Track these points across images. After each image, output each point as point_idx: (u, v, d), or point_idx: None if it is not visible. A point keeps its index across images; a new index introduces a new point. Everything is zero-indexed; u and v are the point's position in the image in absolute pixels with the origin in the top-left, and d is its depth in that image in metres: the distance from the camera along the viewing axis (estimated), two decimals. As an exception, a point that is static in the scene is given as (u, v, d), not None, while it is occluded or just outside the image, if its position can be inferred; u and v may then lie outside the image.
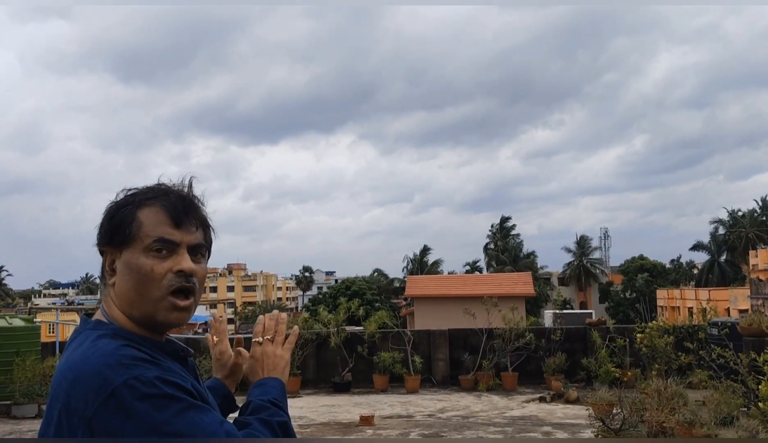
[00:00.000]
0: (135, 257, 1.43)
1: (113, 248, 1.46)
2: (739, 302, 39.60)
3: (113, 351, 1.32)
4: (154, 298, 1.43)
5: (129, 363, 1.29)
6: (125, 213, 1.45)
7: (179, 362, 1.47)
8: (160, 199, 1.47)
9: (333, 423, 11.74)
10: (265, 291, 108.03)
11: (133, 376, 1.27)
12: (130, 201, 1.47)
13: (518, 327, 15.73)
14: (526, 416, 12.12)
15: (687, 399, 9.48)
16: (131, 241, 1.44)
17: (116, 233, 1.45)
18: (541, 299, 59.60)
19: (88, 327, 1.44)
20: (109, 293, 1.48)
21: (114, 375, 1.26)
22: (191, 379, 1.42)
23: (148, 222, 1.44)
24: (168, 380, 1.30)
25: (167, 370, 1.34)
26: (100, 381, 1.26)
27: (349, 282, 57.52)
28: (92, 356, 1.31)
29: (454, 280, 38.47)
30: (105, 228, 1.47)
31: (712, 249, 69.21)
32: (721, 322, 13.04)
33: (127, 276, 1.44)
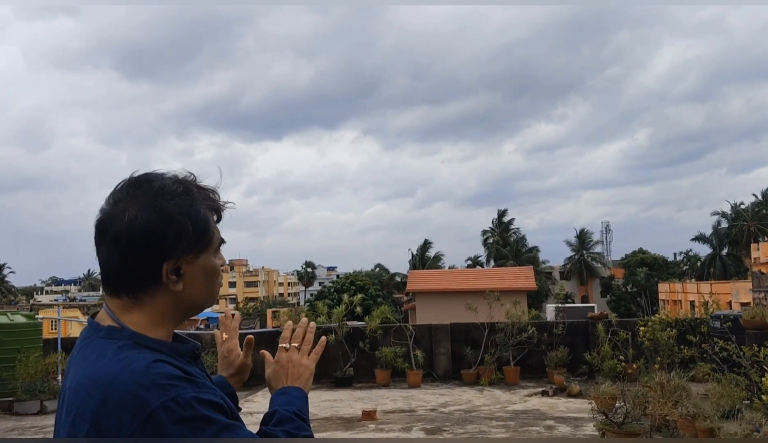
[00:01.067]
0: (211, 260, 1.45)
1: (191, 254, 1.39)
2: (741, 295, 39.56)
3: (145, 369, 1.25)
4: (216, 292, 1.49)
5: (164, 384, 1.23)
6: (204, 217, 1.41)
7: (194, 361, 1.44)
8: (209, 199, 1.46)
9: (335, 418, 11.74)
10: (266, 286, 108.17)
11: (170, 398, 1.21)
12: (196, 201, 1.41)
13: (520, 321, 15.71)
14: (528, 410, 12.11)
15: (690, 393, 9.46)
16: (209, 245, 1.44)
17: (202, 239, 1.41)
18: (543, 293, 59.64)
19: (100, 334, 1.36)
20: (150, 300, 1.38)
21: (151, 398, 1.21)
22: (215, 387, 1.39)
23: (212, 223, 1.45)
24: (204, 400, 1.26)
25: (201, 386, 1.29)
26: (135, 402, 1.20)
27: (354, 278, 57.53)
28: (121, 373, 1.24)
29: (456, 275, 38.48)
30: (189, 235, 1.37)
31: (714, 242, 69.21)
32: (724, 315, 13.02)
33: (204, 279, 1.44)
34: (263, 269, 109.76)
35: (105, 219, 1.37)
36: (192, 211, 1.38)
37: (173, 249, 1.36)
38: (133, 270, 1.35)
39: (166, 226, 1.35)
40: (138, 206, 1.35)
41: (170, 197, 1.37)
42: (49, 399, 12.94)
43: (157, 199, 1.36)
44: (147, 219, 1.34)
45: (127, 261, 1.35)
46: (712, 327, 13.35)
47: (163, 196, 1.37)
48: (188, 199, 1.39)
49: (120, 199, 1.38)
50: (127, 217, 1.34)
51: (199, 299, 1.44)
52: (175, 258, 1.36)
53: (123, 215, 1.34)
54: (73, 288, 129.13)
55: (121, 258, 1.35)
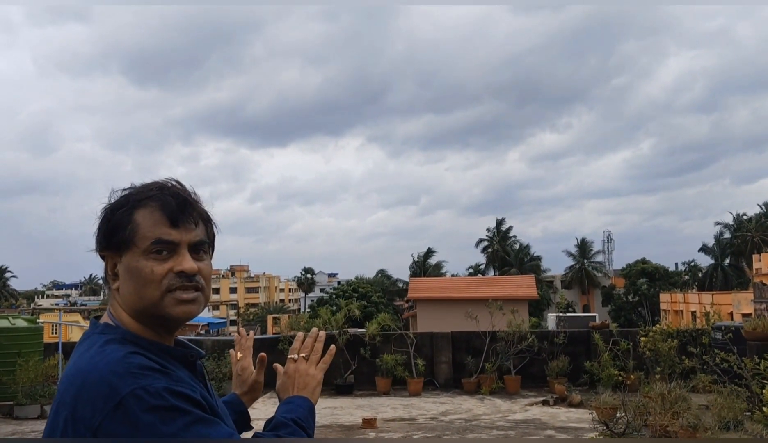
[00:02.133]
0: (135, 260, 1.41)
1: (113, 252, 1.44)
2: (742, 306, 39.47)
3: (121, 358, 1.29)
4: (153, 300, 1.40)
5: (137, 373, 1.25)
6: (120, 215, 1.42)
7: (188, 367, 1.44)
8: (155, 198, 1.43)
9: (335, 426, 11.73)
10: (267, 292, 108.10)
11: (140, 386, 1.23)
12: (124, 202, 1.44)
13: (521, 330, 15.69)
14: (529, 419, 12.09)
15: (691, 404, 9.44)
16: (130, 245, 1.41)
17: (113, 237, 1.42)
18: (544, 302, 59.55)
19: (96, 331, 1.41)
20: (114, 297, 1.46)
21: (122, 385, 1.23)
22: (200, 388, 1.39)
23: (145, 223, 1.41)
24: (176, 391, 1.27)
25: (176, 380, 1.30)
26: (107, 389, 1.23)
27: (356, 285, 57.48)
28: (100, 362, 1.28)
29: (457, 283, 38.46)
30: (102, 233, 1.45)
31: (716, 252, 69.12)
32: (725, 326, 13.00)
33: (128, 280, 1.41)
34: (264, 275, 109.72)
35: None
36: (111, 210, 1.46)
37: (98, 246, 1.48)
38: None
39: (99, 223, 1.48)
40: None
41: (111, 199, 1.48)
42: (50, 404, 12.87)
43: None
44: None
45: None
46: (713, 338, 13.33)
47: (110, 197, 1.49)
48: (116, 200, 1.47)
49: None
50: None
51: (134, 301, 1.42)
52: (107, 255, 1.46)
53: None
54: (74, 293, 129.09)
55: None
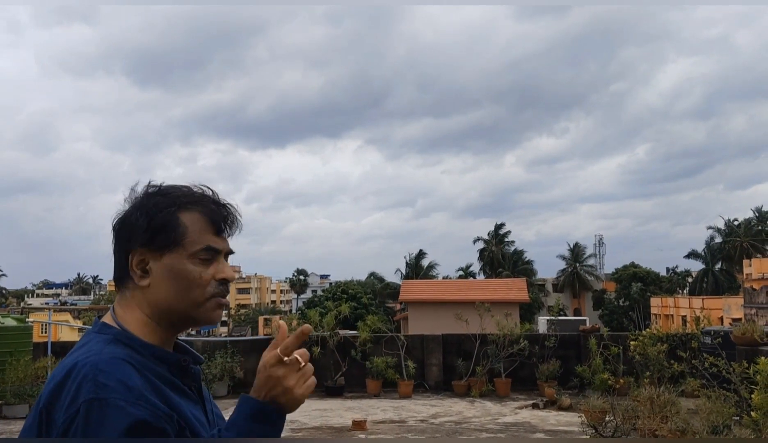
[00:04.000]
0: (181, 263, 1.42)
1: (151, 250, 1.42)
2: (732, 311, 39.68)
3: (96, 363, 1.27)
4: (198, 302, 1.44)
5: (102, 384, 1.23)
6: (168, 216, 1.43)
7: (179, 372, 1.42)
8: (202, 205, 1.47)
9: (325, 428, 11.71)
10: (259, 294, 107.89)
11: (97, 398, 1.22)
12: (170, 203, 1.44)
13: (512, 333, 15.72)
14: (518, 422, 12.11)
15: (679, 408, 9.48)
16: (176, 246, 1.42)
17: (158, 235, 1.42)
18: (536, 305, 59.70)
19: (95, 329, 1.42)
20: (130, 294, 1.45)
21: (86, 392, 1.23)
22: (177, 397, 1.35)
23: (193, 228, 1.44)
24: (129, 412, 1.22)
25: (138, 399, 1.24)
26: (75, 394, 1.24)
27: (345, 286, 57.44)
28: (80, 362, 1.29)
29: (449, 285, 38.49)
30: (143, 229, 1.42)
31: (707, 257, 69.43)
32: (714, 331, 13.06)
33: (169, 281, 1.42)
34: (256, 276, 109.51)
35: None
36: (154, 208, 1.44)
37: (129, 241, 1.44)
38: (116, 262, 1.48)
39: (128, 218, 1.46)
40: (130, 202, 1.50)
41: (147, 197, 1.47)
42: (38, 404, 12.86)
43: (136, 197, 1.49)
44: (123, 213, 1.48)
45: (114, 252, 1.48)
46: (702, 342, 13.39)
47: (143, 195, 1.48)
48: (159, 198, 1.46)
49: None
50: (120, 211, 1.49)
51: (171, 301, 1.42)
52: (135, 250, 1.43)
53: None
54: (65, 292, 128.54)
55: (113, 248, 1.49)
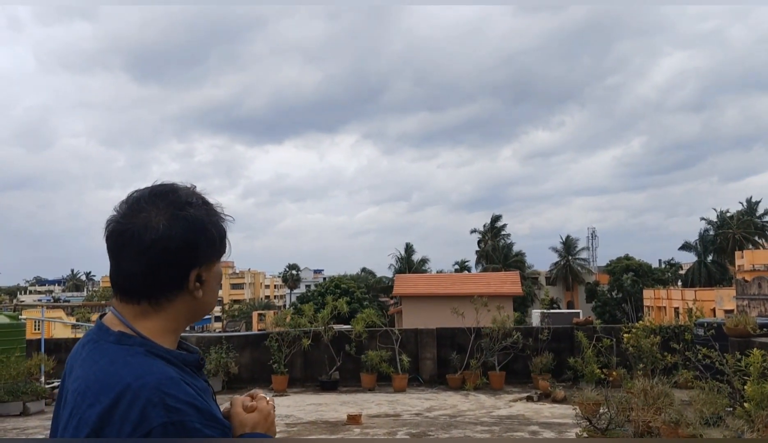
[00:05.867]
0: (219, 267, 1.50)
1: (212, 262, 1.46)
2: (725, 302, 39.87)
3: (156, 385, 1.25)
4: (217, 298, 1.56)
5: (172, 407, 1.24)
6: (223, 225, 1.49)
7: (198, 369, 1.45)
8: (219, 208, 1.52)
9: (320, 422, 11.72)
10: (252, 289, 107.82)
11: (172, 422, 1.23)
12: (219, 213, 1.49)
13: (506, 326, 15.76)
14: (513, 415, 12.14)
15: (673, 399, 9.52)
16: (225, 251, 1.51)
17: (223, 245, 1.49)
18: (529, 299, 59.86)
19: (110, 339, 1.36)
20: (168, 305, 1.39)
21: (156, 416, 1.22)
22: (211, 402, 1.41)
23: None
24: (205, 434, 1.27)
25: (207, 418, 1.29)
26: (139, 417, 1.22)
27: (338, 281, 57.42)
28: (133, 383, 1.25)
29: (443, 279, 38.54)
30: (216, 246, 1.45)
31: (699, 249, 69.69)
32: (707, 323, 13.12)
33: (215, 285, 1.48)
34: (249, 271, 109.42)
35: (129, 228, 1.36)
36: (217, 219, 1.46)
37: (202, 257, 1.41)
38: (161, 279, 1.37)
39: (199, 235, 1.39)
40: (167, 216, 1.37)
41: (197, 207, 1.42)
42: (32, 401, 12.82)
43: (186, 209, 1.40)
44: (181, 228, 1.37)
45: (157, 270, 1.36)
46: (695, 334, 13.45)
47: (191, 206, 1.41)
48: (210, 208, 1.46)
49: (143, 209, 1.38)
50: (158, 227, 1.35)
51: (211, 304, 1.48)
52: (201, 265, 1.42)
53: (152, 225, 1.35)
54: (57, 289, 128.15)
55: (150, 266, 1.35)
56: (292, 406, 13.29)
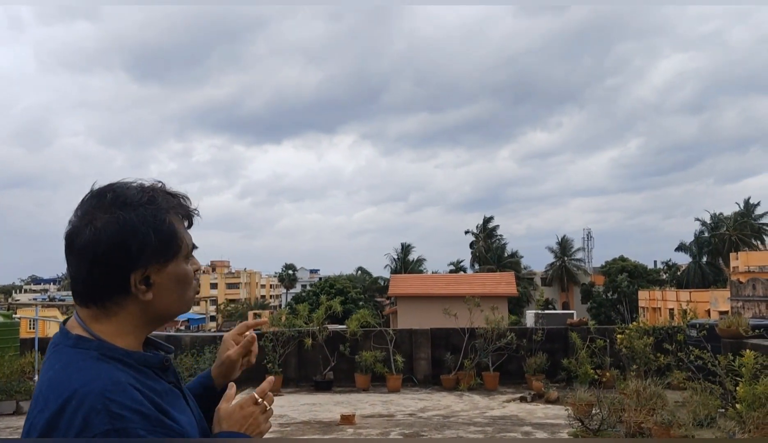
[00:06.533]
0: (180, 267, 1.44)
1: (160, 264, 1.39)
2: (719, 304, 39.95)
3: (101, 391, 1.24)
4: (190, 299, 1.49)
5: (116, 414, 1.22)
6: (169, 226, 1.41)
7: (162, 369, 1.44)
8: (180, 206, 1.47)
9: (314, 422, 11.72)
10: (248, 288, 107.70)
11: (115, 429, 1.21)
12: (163, 211, 1.41)
13: (499, 327, 15.78)
14: (506, 416, 12.16)
15: (666, 400, 9.56)
16: (178, 253, 1.43)
17: (168, 248, 1.40)
18: (524, 299, 59.90)
19: (69, 343, 1.36)
20: (118, 309, 1.38)
21: (99, 423, 1.21)
22: (175, 410, 1.37)
23: (181, 230, 1.45)
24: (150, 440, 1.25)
25: (154, 424, 1.26)
26: (82, 424, 1.21)
27: (333, 281, 57.40)
28: (80, 389, 1.24)
29: (438, 279, 38.52)
30: (154, 247, 1.37)
31: (694, 251, 69.80)
32: (700, 324, 13.15)
33: (173, 288, 1.43)
34: (245, 270, 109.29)
35: (72, 231, 1.37)
36: (155, 220, 1.38)
37: (138, 260, 1.36)
38: (100, 282, 1.36)
39: (130, 238, 1.35)
40: (101, 218, 1.35)
41: (133, 207, 1.37)
42: (25, 400, 12.80)
43: (120, 210, 1.36)
44: (111, 231, 1.34)
45: (95, 274, 1.35)
46: (688, 335, 13.48)
47: (126, 207, 1.37)
48: (152, 208, 1.39)
49: (85, 212, 1.38)
50: (90, 230, 1.34)
51: (172, 307, 1.45)
52: (142, 268, 1.37)
53: (87, 228, 1.35)
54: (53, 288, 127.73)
55: (88, 270, 1.35)
56: (286, 406, 13.28)
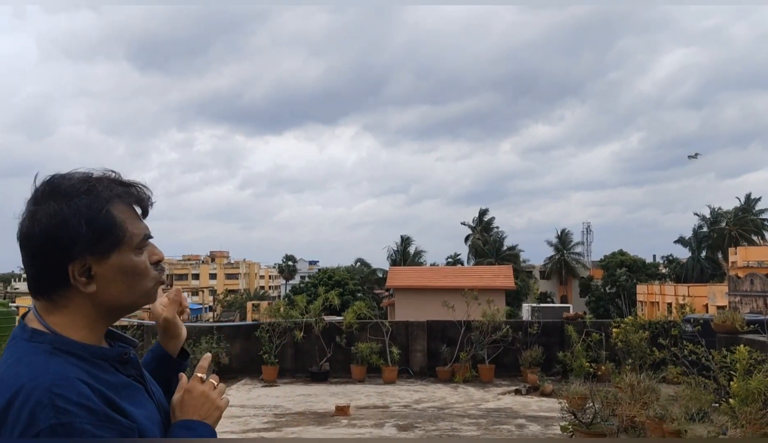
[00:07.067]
0: (128, 259, 1.40)
1: (98, 256, 1.35)
2: (717, 298, 40.04)
3: (49, 387, 1.23)
4: (146, 291, 1.45)
5: (62, 409, 1.21)
6: (106, 216, 1.36)
7: (121, 363, 1.42)
8: (124, 194, 1.42)
9: (309, 413, 11.75)
10: (247, 279, 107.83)
11: (60, 423, 1.20)
12: (102, 200, 1.37)
13: (495, 320, 15.80)
14: (500, 408, 12.19)
15: (659, 394, 9.57)
16: (120, 244, 1.38)
17: (104, 239, 1.35)
18: (523, 292, 59.93)
19: (24, 337, 1.35)
20: (66, 302, 1.36)
21: (44, 418, 1.20)
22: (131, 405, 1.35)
23: (127, 220, 1.40)
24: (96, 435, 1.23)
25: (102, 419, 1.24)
26: (29, 419, 1.20)
27: (331, 272, 57.45)
28: (27, 384, 1.24)
29: (436, 272, 38.57)
30: (87, 238, 1.33)
31: (693, 245, 69.90)
32: (694, 319, 13.16)
33: (120, 279, 1.39)
34: (244, 261, 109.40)
35: (20, 224, 1.38)
36: (90, 210, 1.35)
37: (72, 252, 1.33)
38: (43, 275, 1.35)
39: (61, 229, 1.32)
40: (36, 211, 1.35)
41: (68, 198, 1.35)
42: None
43: (54, 202, 1.34)
44: (43, 224, 1.33)
45: (36, 267, 1.35)
46: (683, 330, 13.49)
47: (60, 198, 1.35)
48: (88, 198, 1.36)
49: (28, 204, 1.38)
50: (26, 223, 1.35)
51: (122, 299, 1.41)
52: (79, 259, 1.34)
53: (24, 221, 1.36)
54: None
55: (30, 263, 1.35)
56: (281, 397, 13.31)
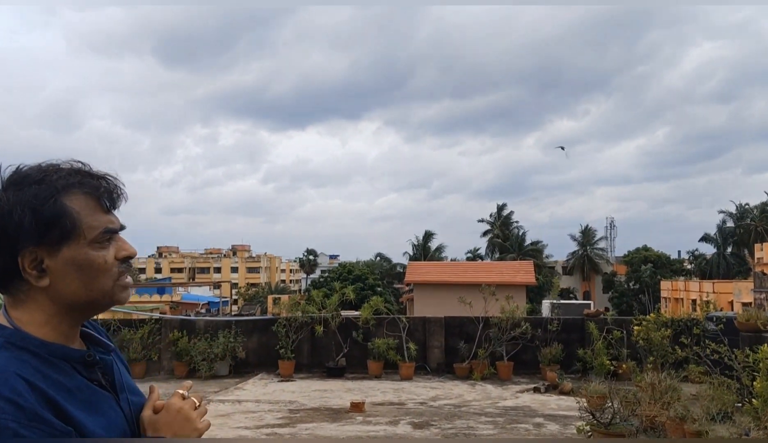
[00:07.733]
0: (82, 252, 1.32)
1: (45, 247, 1.29)
2: (743, 295, 39.41)
3: None
4: (106, 288, 1.36)
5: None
6: (54, 206, 1.29)
7: (84, 365, 1.35)
8: (83, 185, 1.34)
9: (323, 408, 11.67)
10: (268, 273, 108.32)
11: None
12: (51, 190, 1.30)
13: (514, 316, 15.60)
14: (518, 406, 12.02)
15: (681, 394, 9.34)
16: (73, 236, 1.31)
17: (51, 230, 1.29)
18: (545, 288, 59.53)
19: None
20: (24, 296, 1.32)
21: None
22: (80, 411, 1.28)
23: (84, 212, 1.32)
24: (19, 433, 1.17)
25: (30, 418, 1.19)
26: None
27: (351, 267, 57.40)
28: None
29: (455, 267, 38.33)
30: (31, 227, 1.28)
31: (719, 241, 68.94)
32: (717, 317, 12.88)
33: (74, 274, 1.32)
34: (265, 255, 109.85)
35: None
36: (37, 200, 1.29)
37: (17, 243, 1.28)
38: None
39: (6, 219, 1.28)
40: None
41: (17, 188, 1.30)
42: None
43: (3, 192, 1.31)
44: None
45: None
46: (705, 328, 13.22)
47: (10, 188, 1.31)
48: (38, 187, 1.30)
49: None
50: None
51: (79, 295, 1.34)
52: (28, 251, 1.29)
53: None
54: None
55: None
56: (297, 392, 13.25)
